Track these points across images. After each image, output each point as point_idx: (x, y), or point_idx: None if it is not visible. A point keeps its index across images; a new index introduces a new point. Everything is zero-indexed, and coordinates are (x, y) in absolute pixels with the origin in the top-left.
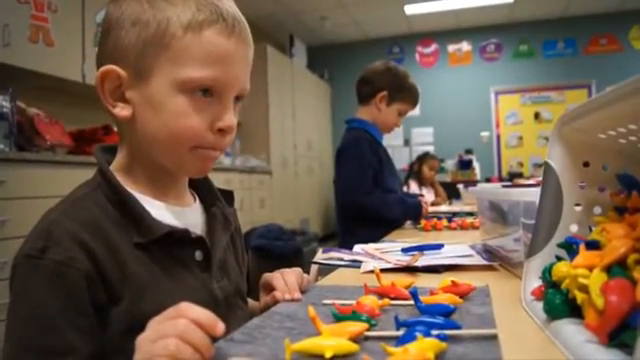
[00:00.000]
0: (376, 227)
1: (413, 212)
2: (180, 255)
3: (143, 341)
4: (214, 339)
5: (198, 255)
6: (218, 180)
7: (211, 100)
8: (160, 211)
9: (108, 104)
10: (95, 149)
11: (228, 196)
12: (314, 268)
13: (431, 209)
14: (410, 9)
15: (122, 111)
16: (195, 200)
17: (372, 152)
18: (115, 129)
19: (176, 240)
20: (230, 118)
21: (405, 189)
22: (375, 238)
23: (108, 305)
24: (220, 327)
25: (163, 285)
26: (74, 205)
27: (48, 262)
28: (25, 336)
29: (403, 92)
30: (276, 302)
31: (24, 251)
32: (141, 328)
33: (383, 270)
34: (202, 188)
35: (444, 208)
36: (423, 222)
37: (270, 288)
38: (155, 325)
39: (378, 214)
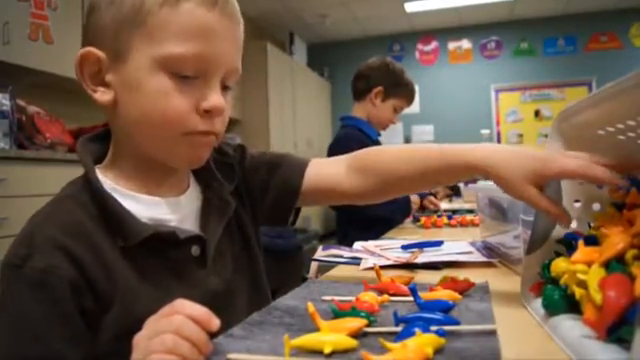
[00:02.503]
0: (373, 228)
1: (402, 207)
2: (174, 254)
3: (140, 340)
4: (213, 335)
5: (195, 250)
6: None
7: (194, 80)
8: (150, 208)
9: (88, 89)
10: (78, 142)
11: (228, 171)
12: (314, 265)
13: (449, 206)
14: (410, 6)
15: (103, 96)
16: (189, 184)
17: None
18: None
19: (167, 239)
20: (216, 97)
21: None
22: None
23: (98, 311)
24: (215, 322)
25: (155, 288)
26: (57, 207)
27: (30, 270)
28: (11, 345)
29: (399, 88)
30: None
31: (7, 259)
32: (136, 332)
33: (383, 267)
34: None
35: (444, 205)
36: (423, 219)
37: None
38: (152, 324)
39: (364, 213)
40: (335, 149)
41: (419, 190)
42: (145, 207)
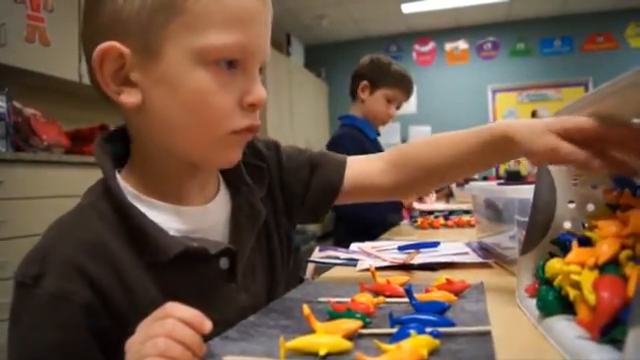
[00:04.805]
0: (369, 231)
1: (392, 207)
2: (202, 269)
3: (132, 344)
4: (208, 337)
5: (224, 263)
6: None
7: (235, 72)
8: (175, 218)
9: (110, 91)
10: (95, 143)
11: (259, 175)
12: (311, 266)
13: (426, 207)
14: (407, 7)
15: (129, 97)
16: (219, 188)
17: (357, 150)
18: (111, 126)
19: (196, 255)
20: (260, 90)
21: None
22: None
23: (116, 329)
24: (207, 325)
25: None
26: (76, 219)
27: (41, 291)
28: None
29: (385, 77)
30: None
31: (20, 274)
32: None
33: (379, 268)
34: (228, 169)
35: (441, 206)
36: (420, 220)
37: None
38: (144, 328)
39: (359, 217)
40: (331, 148)
41: (458, 177)
42: (170, 217)
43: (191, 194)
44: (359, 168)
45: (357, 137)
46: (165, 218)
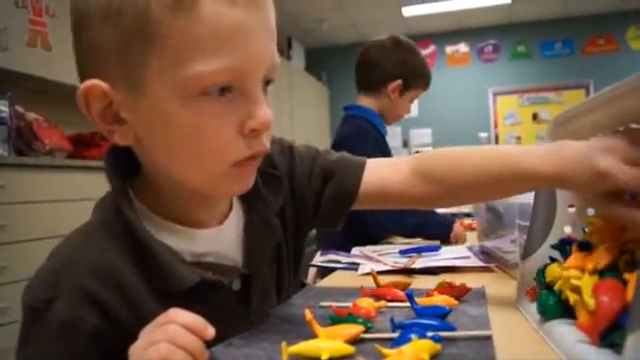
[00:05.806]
0: (370, 235)
1: (436, 230)
2: (215, 294)
3: (135, 349)
4: (210, 344)
5: (236, 284)
6: None
7: (232, 96)
8: (189, 241)
9: (103, 130)
10: (104, 156)
11: (275, 185)
12: (312, 270)
13: None
14: (407, 11)
15: (123, 138)
16: (232, 203)
17: (375, 147)
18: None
19: (210, 284)
20: (263, 112)
21: None
22: None
23: (125, 349)
24: (210, 331)
25: None
26: (87, 241)
27: (52, 317)
28: None
29: (419, 79)
30: None
31: (30, 298)
32: None
33: (380, 272)
34: None
35: (443, 210)
36: None
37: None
38: (147, 334)
39: (383, 230)
40: (347, 144)
41: (486, 200)
42: (184, 240)
43: (204, 215)
44: (382, 173)
45: (374, 133)
46: (178, 241)
